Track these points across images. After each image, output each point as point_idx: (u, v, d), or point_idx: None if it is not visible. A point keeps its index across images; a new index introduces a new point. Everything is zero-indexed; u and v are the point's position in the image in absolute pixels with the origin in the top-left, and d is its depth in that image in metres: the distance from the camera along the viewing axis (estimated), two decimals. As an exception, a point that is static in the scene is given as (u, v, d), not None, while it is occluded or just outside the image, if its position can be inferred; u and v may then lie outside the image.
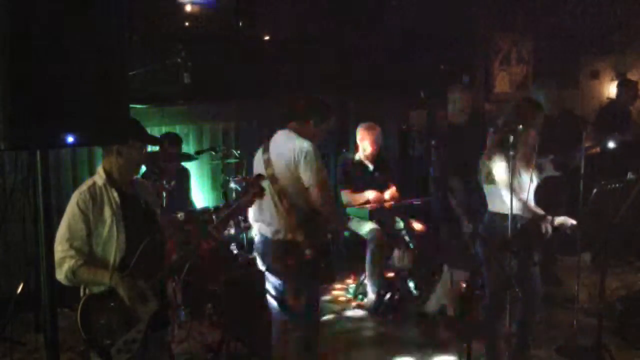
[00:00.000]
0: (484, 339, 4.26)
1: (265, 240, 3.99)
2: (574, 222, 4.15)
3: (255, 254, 4.23)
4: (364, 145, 5.92)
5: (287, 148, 3.90)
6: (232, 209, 3.43)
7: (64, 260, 2.97)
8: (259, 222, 4.04)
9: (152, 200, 3.35)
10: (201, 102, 6.39)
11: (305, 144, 3.86)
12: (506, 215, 3.94)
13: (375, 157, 5.97)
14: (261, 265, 4.10)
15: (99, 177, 3.12)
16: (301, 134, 3.96)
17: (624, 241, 6.01)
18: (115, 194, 3.10)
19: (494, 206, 4.15)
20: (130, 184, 3.23)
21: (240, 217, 5.14)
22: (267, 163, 3.95)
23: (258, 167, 4.04)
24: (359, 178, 5.91)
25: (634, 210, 4.20)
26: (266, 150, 4.02)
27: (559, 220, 4.16)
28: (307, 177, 3.83)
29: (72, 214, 3.02)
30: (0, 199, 5.27)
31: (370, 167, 5.97)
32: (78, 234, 3.01)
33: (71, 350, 4.31)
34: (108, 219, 3.05)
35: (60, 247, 2.98)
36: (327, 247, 4.04)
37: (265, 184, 3.80)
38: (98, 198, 3.06)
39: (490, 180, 4.09)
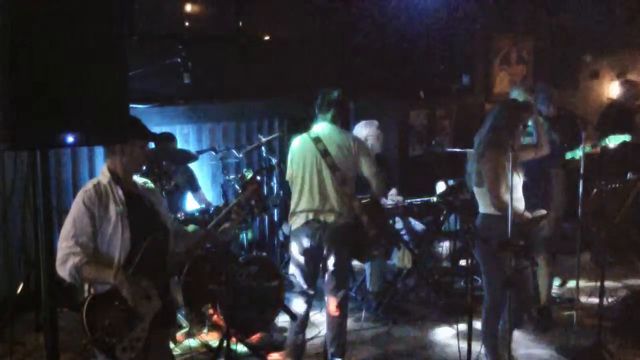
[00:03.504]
0: (484, 339, 4.26)
1: (325, 226, 4.21)
2: (543, 212, 4.18)
3: (302, 242, 4.30)
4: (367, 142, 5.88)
5: (342, 138, 4.26)
6: (229, 208, 3.42)
7: (68, 256, 2.94)
8: (312, 212, 4.21)
9: (158, 202, 3.34)
10: (201, 102, 6.39)
11: (357, 137, 4.44)
12: (499, 216, 3.94)
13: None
14: (299, 254, 4.31)
15: (104, 176, 3.12)
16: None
17: (624, 241, 6.01)
18: (120, 192, 3.10)
19: (485, 208, 4.15)
20: (134, 183, 3.23)
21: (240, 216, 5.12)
22: (325, 153, 4.18)
23: (308, 157, 4.23)
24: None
25: (634, 210, 4.21)
26: (318, 141, 4.22)
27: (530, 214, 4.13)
28: (366, 166, 4.26)
29: (78, 210, 3.01)
30: (0, 199, 5.27)
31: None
32: (84, 230, 2.99)
33: (71, 350, 4.31)
34: (113, 217, 3.04)
35: (64, 244, 2.97)
36: (386, 226, 4.66)
37: (325, 172, 4.15)
38: (103, 196, 3.05)
39: (481, 182, 4.09)
